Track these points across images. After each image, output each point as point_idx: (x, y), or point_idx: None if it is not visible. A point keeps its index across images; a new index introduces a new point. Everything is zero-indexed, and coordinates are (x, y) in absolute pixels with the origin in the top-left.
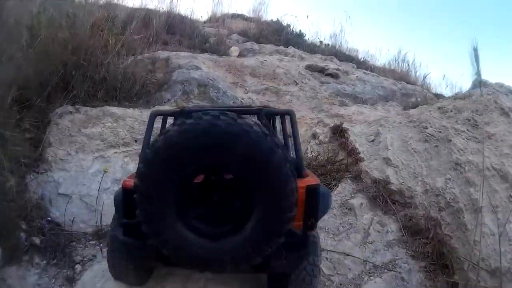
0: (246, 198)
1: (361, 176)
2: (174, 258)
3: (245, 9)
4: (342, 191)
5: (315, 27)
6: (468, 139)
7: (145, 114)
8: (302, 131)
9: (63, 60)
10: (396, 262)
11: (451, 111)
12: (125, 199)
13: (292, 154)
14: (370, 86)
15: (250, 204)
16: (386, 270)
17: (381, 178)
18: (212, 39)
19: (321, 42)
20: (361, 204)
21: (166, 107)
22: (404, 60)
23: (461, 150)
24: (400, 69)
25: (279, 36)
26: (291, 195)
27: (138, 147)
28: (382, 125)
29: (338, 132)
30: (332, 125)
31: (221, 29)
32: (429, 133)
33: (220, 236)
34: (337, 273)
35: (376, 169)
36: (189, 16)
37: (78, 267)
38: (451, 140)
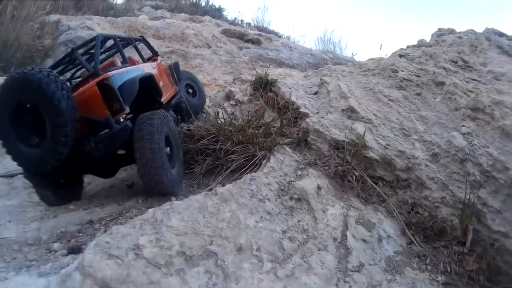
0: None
1: (308, 140)
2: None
3: None
4: (278, 168)
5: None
6: (467, 81)
7: None
8: (213, 93)
9: None
10: None
11: (420, 57)
12: None
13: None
14: (297, 53)
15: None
16: None
17: (347, 140)
18: (119, 6)
19: (242, 20)
20: (319, 188)
21: None
22: (330, 40)
23: (470, 91)
24: (326, 49)
25: (196, 8)
26: (60, 106)
27: None
28: (326, 74)
29: (263, 87)
30: (253, 79)
31: (133, 3)
32: (403, 78)
33: (34, 146)
34: None
35: (335, 126)
36: None
37: None
38: (444, 83)
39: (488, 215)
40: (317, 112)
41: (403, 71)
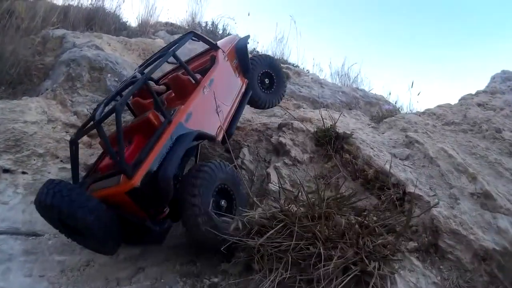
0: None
1: (441, 245)
2: None
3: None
4: None
5: (255, 33)
6: None
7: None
8: (250, 141)
9: None
10: None
11: (504, 108)
12: None
13: None
14: (329, 90)
15: (78, 230)
16: None
17: (497, 248)
18: (133, 27)
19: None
20: None
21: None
22: (347, 74)
23: None
24: (344, 83)
25: (213, 35)
26: (84, 222)
27: None
28: (408, 129)
29: (330, 142)
30: (313, 130)
31: (149, 27)
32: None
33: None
34: None
35: (476, 223)
36: (114, 11)
37: None
38: None
39: None
40: (434, 195)
41: (504, 129)
